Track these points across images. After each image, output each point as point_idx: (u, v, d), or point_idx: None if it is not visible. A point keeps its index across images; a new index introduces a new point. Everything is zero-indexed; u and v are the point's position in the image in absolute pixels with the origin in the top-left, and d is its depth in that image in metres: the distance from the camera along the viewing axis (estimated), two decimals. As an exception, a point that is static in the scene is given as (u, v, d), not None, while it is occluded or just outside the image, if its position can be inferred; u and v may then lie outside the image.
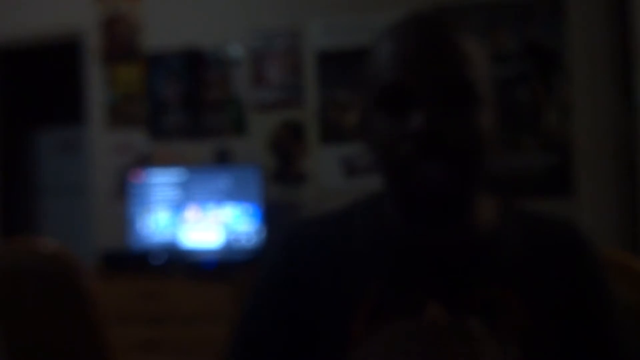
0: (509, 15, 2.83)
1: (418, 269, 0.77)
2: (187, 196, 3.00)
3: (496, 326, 0.72)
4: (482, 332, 0.64)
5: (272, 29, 3.18)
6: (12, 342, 1.85)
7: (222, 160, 3.22)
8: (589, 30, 2.73)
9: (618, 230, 2.67)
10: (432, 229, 0.77)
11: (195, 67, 3.31)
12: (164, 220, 3.02)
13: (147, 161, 3.31)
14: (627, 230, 2.65)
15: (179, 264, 2.90)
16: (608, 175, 2.70)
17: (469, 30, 0.73)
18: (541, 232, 0.80)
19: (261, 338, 0.81)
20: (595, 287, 0.78)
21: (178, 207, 3.01)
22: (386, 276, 0.77)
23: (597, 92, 2.72)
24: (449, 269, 0.76)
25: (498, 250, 0.77)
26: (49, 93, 4.49)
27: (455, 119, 0.69)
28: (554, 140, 2.76)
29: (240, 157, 3.20)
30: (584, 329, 0.76)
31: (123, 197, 3.25)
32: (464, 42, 0.71)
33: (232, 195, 2.94)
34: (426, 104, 0.69)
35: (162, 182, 3.03)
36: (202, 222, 2.98)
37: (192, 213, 2.99)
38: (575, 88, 2.74)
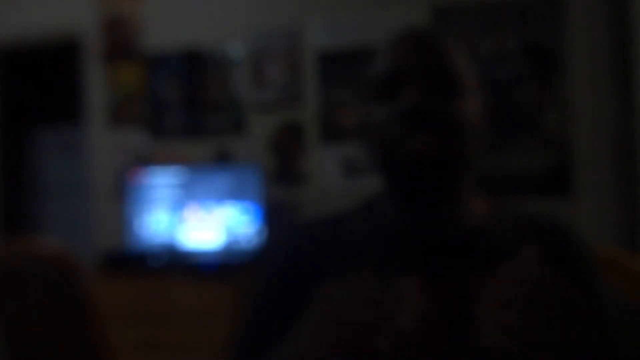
0: (509, 15, 2.83)
1: (407, 259, 0.80)
2: (187, 196, 3.00)
3: (478, 312, 0.74)
4: (413, 291, 0.71)
5: (272, 29, 3.18)
6: (12, 343, 1.85)
7: (222, 160, 3.22)
8: (589, 30, 2.74)
9: (617, 230, 2.67)
10: (425, 218, 0.81)
11: (195, 67, 3.31)
12: (163, 221, 3.02)
13: (147, 161, 3.31)
14: (626, 230, 2.65)
15: (178, 264, 2.90)
16: (608, 175, 2.70)
17: (456, 40, 0.85)
18: (532, 230, 0.83)
19: (263, 340, 0.83)
20: (585, 285, 0.80)
21: (178, 207, 3.01)
22: (376, 266, 0.80)
23: (597, 92, 2.73)
24: (438, 259, 0.79)
25: (487, 243, 0.80)
26: (49, 93, 4.48)
27: (440, 102, 0.78)
28: (554, 140, 2.76)
29: (240, 157, 3.20)
30: (573, 326, 0.77)
31: (123, 197, 3.25)
32: (449, 45, 0.83)
33: (232, 195, 2.94)
34: (415, 86, 0.79)
35: (162, 182, 3.03)
36: (202, 222, 2.98)
37: (192, 213, 2.99)
38: (575, 88, 2.74)
